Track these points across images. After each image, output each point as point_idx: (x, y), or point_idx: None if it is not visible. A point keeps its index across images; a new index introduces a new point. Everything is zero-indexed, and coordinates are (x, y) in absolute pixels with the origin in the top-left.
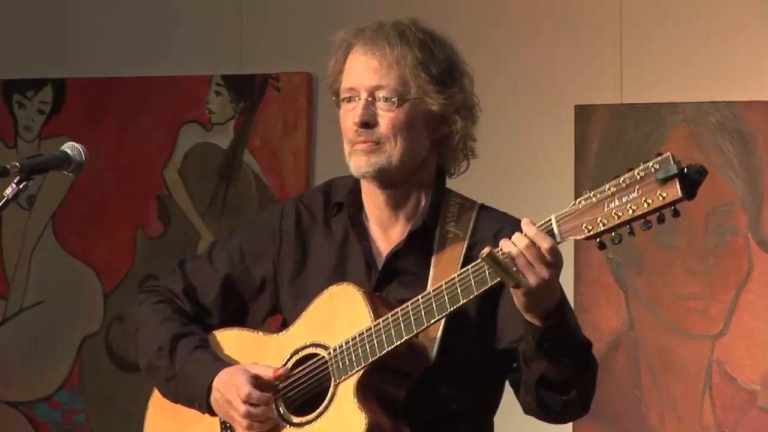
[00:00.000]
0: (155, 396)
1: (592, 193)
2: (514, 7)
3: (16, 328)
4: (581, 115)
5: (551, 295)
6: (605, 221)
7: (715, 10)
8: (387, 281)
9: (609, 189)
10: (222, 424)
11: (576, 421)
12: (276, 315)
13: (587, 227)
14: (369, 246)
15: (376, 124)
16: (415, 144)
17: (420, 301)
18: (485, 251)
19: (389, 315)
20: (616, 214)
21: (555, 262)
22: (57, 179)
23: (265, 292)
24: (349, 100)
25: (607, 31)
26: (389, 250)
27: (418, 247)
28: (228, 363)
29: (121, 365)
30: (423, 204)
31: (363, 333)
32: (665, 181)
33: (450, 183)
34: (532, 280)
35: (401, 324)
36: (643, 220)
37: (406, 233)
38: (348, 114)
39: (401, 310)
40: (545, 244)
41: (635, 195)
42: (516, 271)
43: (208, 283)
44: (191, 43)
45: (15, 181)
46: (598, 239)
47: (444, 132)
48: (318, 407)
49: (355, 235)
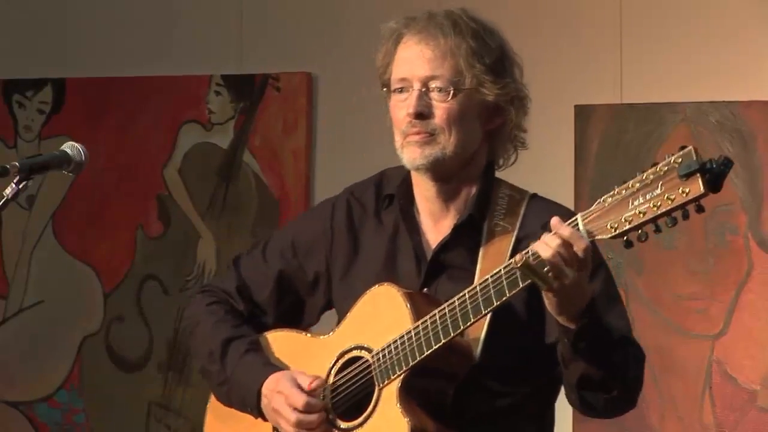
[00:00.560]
0: (212, 401)
1: (617, 190)
2: (514, 7)
3: (16, 328)
4: (581, 115)
5: (581, 296)
6: (630, 220)
7: (715, 10)
8: (436, 275)
9: (633, 185)
10: (275, 430)
11: (576, 421)
12: (331, 309)
13: (612, 226)
14: (419, 239)
15: (430, 115)
16: (469, 135)
17: (466, 297)
18: (517, 258)
19: (429, 317)
20: (640, 212)
21: (588, 262)
22: (57, 179)
23: (319, 287)
24: (401, 90)
25: (607, 31)
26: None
27: (465, 241)
28: (277, 367)
29: (121, 365)
30: (472, 196)
31: (404, 336)
32: (688, 177)
33: None
34: (565, 280)
35: (439, 326)
36: (668, 216)
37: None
38: (400, 105)
39: (444, 309)
40: (581, 244)
41: (659, 192)
42: (548, 272)
43: (261, 280)
44: (191, 43)
45: (15, 181)
46: (624, 237)
47: (497, 123)
48: (365, 411)
49: (406, 228)
